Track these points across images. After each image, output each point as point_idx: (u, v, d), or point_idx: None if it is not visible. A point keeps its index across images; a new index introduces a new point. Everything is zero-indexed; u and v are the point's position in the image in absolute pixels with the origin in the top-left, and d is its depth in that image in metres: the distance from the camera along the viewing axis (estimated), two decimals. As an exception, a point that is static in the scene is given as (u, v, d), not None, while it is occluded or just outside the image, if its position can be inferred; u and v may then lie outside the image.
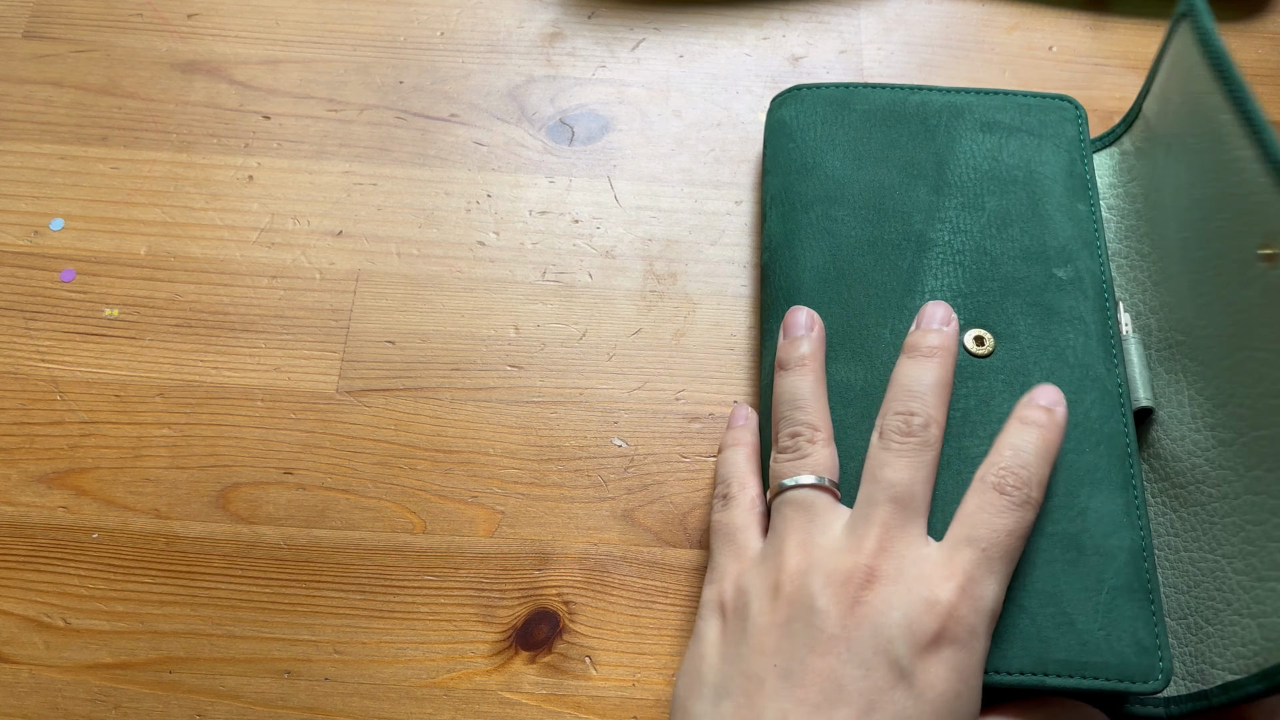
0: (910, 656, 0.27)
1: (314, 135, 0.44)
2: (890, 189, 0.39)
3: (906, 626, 0.28)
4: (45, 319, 0.40)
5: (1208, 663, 0.32)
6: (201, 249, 0.42)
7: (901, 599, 0.28)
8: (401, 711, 0.35)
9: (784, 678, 0.28)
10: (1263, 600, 0.30)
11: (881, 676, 0.27)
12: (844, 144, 0.40)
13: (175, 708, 0.34)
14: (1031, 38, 0.47)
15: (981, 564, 0.29)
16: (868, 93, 0.41)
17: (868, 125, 0.40)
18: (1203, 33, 0.35)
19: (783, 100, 0.42)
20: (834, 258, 0.38)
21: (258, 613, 0.36)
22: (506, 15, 0.47)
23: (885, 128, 0.40)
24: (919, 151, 0.40)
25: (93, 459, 0.38)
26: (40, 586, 0.36)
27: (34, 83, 0.45)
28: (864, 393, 0.35)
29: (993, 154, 0.39)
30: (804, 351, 0.35)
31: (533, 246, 0.42)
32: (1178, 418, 0.35)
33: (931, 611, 0.28)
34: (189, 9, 0.47)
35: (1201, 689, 0.32)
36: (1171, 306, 0.36)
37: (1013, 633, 0.31)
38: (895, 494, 0.30)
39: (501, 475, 0.38)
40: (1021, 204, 0.38)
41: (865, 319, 0.36)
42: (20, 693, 0.35)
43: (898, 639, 0.28)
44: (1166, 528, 0.35)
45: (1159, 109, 0.39)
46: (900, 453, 0.31)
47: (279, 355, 0.40)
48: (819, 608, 0.29)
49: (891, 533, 0.30)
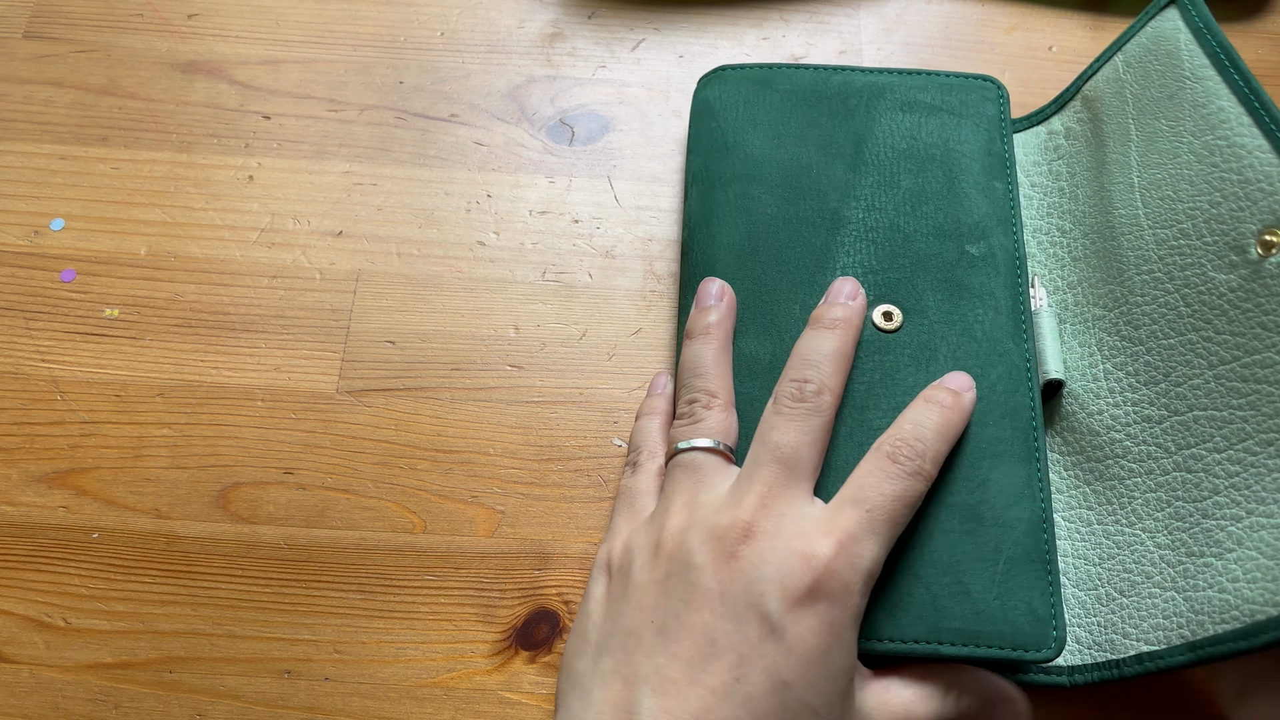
0: (782, 610, 0.27)
1: (314, 135, 0.44)
2: (808, 167, 0.39)
3: (779, 581, 0.28)
4: (45, 319, 0.40)
5: (1119, 633, 0.32)
6: (201, 249, 0.42)
7: (777, 554, 0.28)
8: (401, 711, 0.35)
9: (660, 633, 0.28)
10: (1193, 575, 0.31)
11: (753, 630, 0.27)
12: (765, 123, 0.40)
13: (175, 708, 0.34)
14: (1031, 38, 0.47)
15: (863, 523, 0.29)
16: (791, 73, 0.42)
17: (789, 105, 0.41)
18: (1202, 20, 0.36)
19: (708, 81, 0.43)
20: (749, 235, 0.38)
21: (258, 613, 0.36)
22: (506, 15, 0.47)
23: (806, 107, 0.41)
24: (838, 131, 0.40)
25: (93, 459, 0.38)
26: (40, 586, 0.36)
27: (34, 83, 0.45)
28: (772, 366, 0.35)
29: (911, 133, 0.40)
30: (710, 321, 0.35)
31: (533, 246, 0.42)
32: (1094, 391, 0.36)
33: (806, 566, 0.28)
34: (189, 9, 0.47)
35: (1111, 658, 0.32)
36: (1093, 282, 0.37)
37: (909, 601, 0.31)
38: (780, 455, 0.31)
39: (501, 475, 0.38)
40: (937, 182, 0.39)
41: (777, 294, 0.37)
42: (20, 693, 0.35)
43: (770, 593, 0.28)
44: (1079, 500, 0.35)
45: (1113, 92, 0.39)
46: (789, 416, 0.32)
47: (279, 355, 0.40)
48: (696, 563, 0.29)
49: (774, 491, 0.30)
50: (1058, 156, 0.41)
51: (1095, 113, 0.39)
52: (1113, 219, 0.36)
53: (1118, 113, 0.38)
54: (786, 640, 0.27)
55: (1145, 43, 0.38)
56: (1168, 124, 0.36)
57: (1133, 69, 0.38)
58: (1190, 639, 0.30)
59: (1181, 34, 0.37)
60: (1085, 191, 0.39)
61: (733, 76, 0.42)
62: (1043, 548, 0.33)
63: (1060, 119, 0.42)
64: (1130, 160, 0.37)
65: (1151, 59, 0.37)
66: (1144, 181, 0.36)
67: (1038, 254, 0.40)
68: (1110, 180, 0.37)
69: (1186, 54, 0.36)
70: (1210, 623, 0.30)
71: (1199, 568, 0.31)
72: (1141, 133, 0.37)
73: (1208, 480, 0.32)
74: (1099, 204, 0.38)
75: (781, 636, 0.27)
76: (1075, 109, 0.41)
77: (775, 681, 0.27)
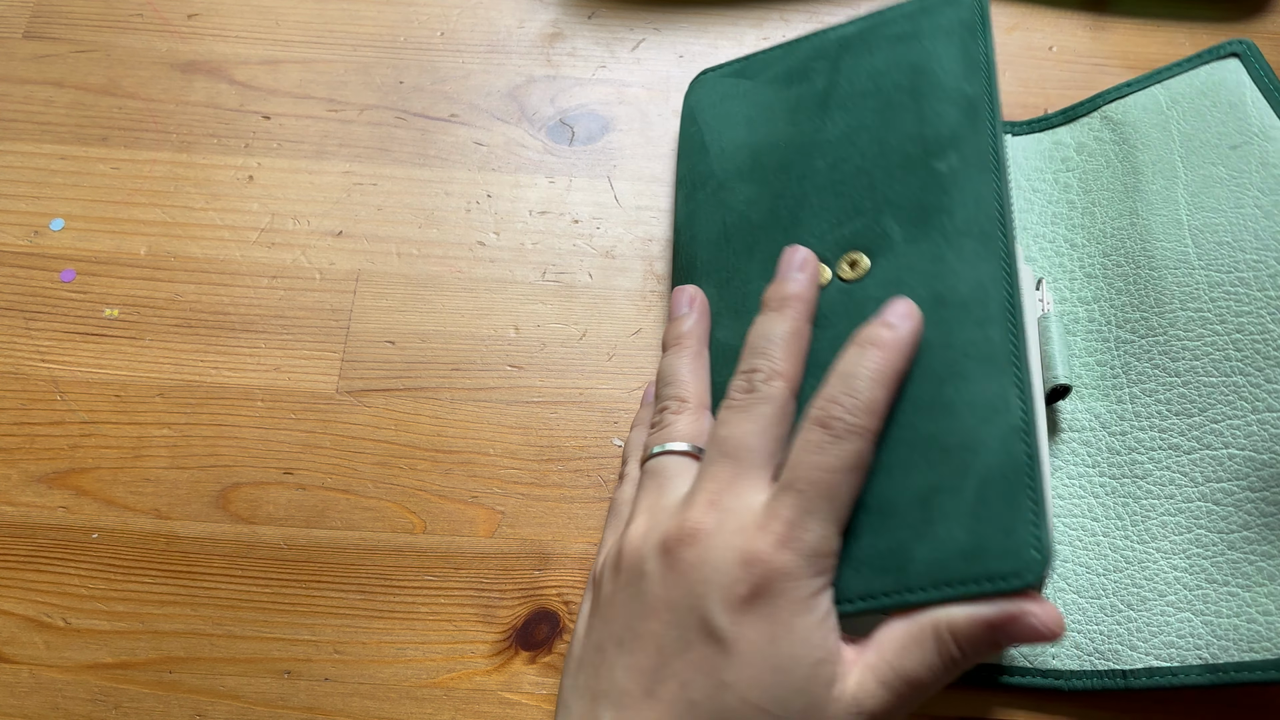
0: (724, 616, 0.27)
1: (314, 135, 0.44)
2: (777, 143, 0.38)
3: (721, 584, 0.27)
4: (45, 319, 0.40)
5: (1126, 645, 0.33)
6: (201, 249, 0.42)
7: (718, 556, 0.27)
8: (401, 711, 0.35)
9: (619, 646, 0.28)
10: (1214, 602, 0.32)
11: (696, 637, 0.27)
12: (739, 114, 0.40)
13: (175, 708, 0.34)
14: (1031, 38, 0.47)
15: (798, 507, 0.28)
16: (764, 57, 0.41)
17: (761, 88, 0.40)
18: (1270, 79, 0.38)
19: (690, 88, 0.43)
20: (725, 226, 0.38)
21: (258, 613, 0.36)
22: (506, 15, 0.47)
23: (778, 85, 0.40)
24: (805, 96, 0.39)
25: (93, 459, 0.38)
26: (40, 586, 0.36)
27: (34, 83, 0.45)
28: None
29: (877, 72, 0.37)
30: (681, 330, 0.35)
31: (533, 247, 0.42)
32: (1117, 413, 0.36)
33: (746, 568, 0.27)
34: (189, 9, 0.47)
35: (1116, 668, 0.33)
36: (1118, 305, 0.37)
37: (872, 554, 0.29)
38: (727, 449, 0.30)
39: (501, 475, 0.38)
40: (904, 110, 0.36)
41: (748, 279, 0.36)
42: (20, 693, 0.35)
43: (711, 597, 0.27)
44: (1084, 509, 0.35)
45: (1156, 124, 0.39)
46: (737, 409, 0.31)
47: (279, 355, 0.40)
48: (646, 571, 0.29)
49: (721, 486, 0.29)
50: (1066, 168, 0.41)
51: (1125, 137, 0.40)
52: (1152, 250, 0.37)
53: (1160, 146, 0.38)
54: (729, 645, 0.26)
55: (1199, 85, 0.39)
56: (1228, 173, 0.36)
57: (1180, 107, 0.39)
58: (1210, 662, 0.31)
59: (1247, 89, 0.38)
60: (1108, 213, 0.39)
61: (709, 79, 0.42)
62: (1021, 461, 0.28)
63: (1070, 131, 0.42)
64: (1177, 198, 0.37)
65: (1207, 104, 0.38)
66: (1196, 223, 0.36)
67: (1039, 259, 0.40)
68: (1149, 210, 0.38)
69: (1254, 110, 0.37)
70: (1236, 650, 0.31)
71: (1222, 595, 0.32)
72: (1192, 174, 0.37)
73: (1238, 515, 0.33)
74: (1131, 231, 0.38)
75: (724, 642, 0.27)
76: (1092, 126, 0.41)
77: (717, 686, 0.26)
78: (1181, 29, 0.47)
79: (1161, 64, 0.46)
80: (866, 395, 0.29)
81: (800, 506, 0.28)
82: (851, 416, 0.29)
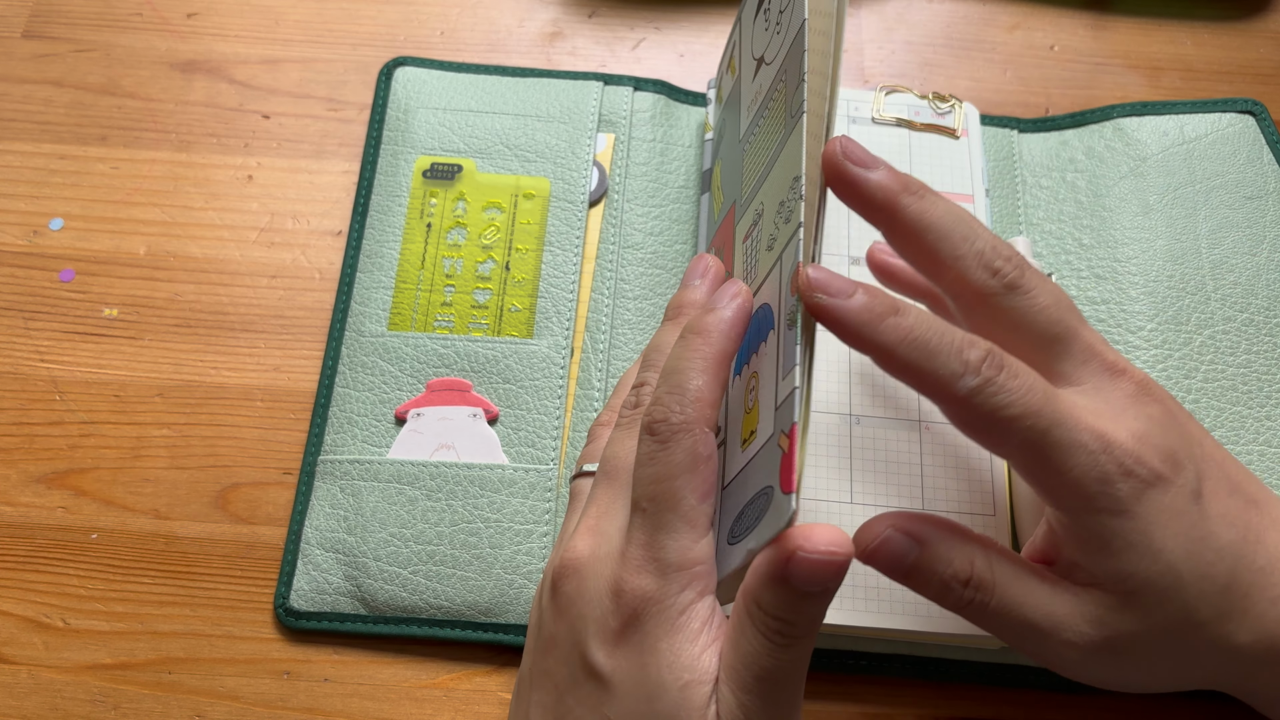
0: (601, 653, 0.26)
1: (314, 135, 0.44)
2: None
3: (595, 620, 0.27)
4: (45, 319, 0.40)
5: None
6: (201, 249, 0.42)
7: (591, 588, 0.27)
8: (401, 712, 0.35)
9: (531, 682, 0.28)
10: None
11: (583, 678, 0.27)
12: None
13: (175, 708, 0.34)
14: (1033, 37, 0.47)
15: (649, 526, 0.27)
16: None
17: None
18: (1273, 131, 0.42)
19: None
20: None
21: (257, 613, 0.36)
22: (506, 15, 0.47)
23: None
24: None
25: (92, 459, 0.38)
26: (40, 587, 0.36)
27: (34, 82, 0.45)
28: None
29: None
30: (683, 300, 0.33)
31: (533, 246, 0.42)
32: None
33: (615, 599, 0.26)
34: (189, 9, 0.47)
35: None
36: (1133, 314, 0.39)
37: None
38: (608, 469, 0.29)
39: (501, 475, 0.38)
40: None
41: None
42: (20, 693, 0.34)
43: (589, 636, 0.27)
44: None
45: (1178, 156, 0.42)
46: (621, 426, 0.30)
47: (279, 355, 0.40)
48: (543, 607, 0.29)
49: (601, 510, 0.29)
50: (1074, 169, 0.42)
51: (1142, 155, 0.42)
52: (1172, 271, 0.40)
53: (1181, 174, 0.41)
54: (606, 681, 0.26)
55: (1220, 130, 0.42)
56: (1245, 219, 0.41)
57: (1202, 144, 0.42)
58: None
59: (1265, 150, 0.42)
60: (1121, 221, 0.41)
61: None
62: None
63: (1079, 135, 0.43)
64: (1198, 230, 0.40)
65: (1228, 150, 0.42)
66: (1214, 258, 0.40)
67: (1046, 255, 0.41)
68: (1170, 234, 0.40)
69: (1270, 169, 0.41)
70: None
71: None
72: (1212, 212, 0.41)
73: None
74: (1149, 247, 0.40)
75: (602, 678, 0.26)
76: (1104, 134, 0.43)
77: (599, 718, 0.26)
78: (1183, 28, 0.47)
79: (1162, 63, 0.46)
80: (692, 387, 0.27)
81: (649, 525, 0.27)
82: (678, 414, 0.27)
